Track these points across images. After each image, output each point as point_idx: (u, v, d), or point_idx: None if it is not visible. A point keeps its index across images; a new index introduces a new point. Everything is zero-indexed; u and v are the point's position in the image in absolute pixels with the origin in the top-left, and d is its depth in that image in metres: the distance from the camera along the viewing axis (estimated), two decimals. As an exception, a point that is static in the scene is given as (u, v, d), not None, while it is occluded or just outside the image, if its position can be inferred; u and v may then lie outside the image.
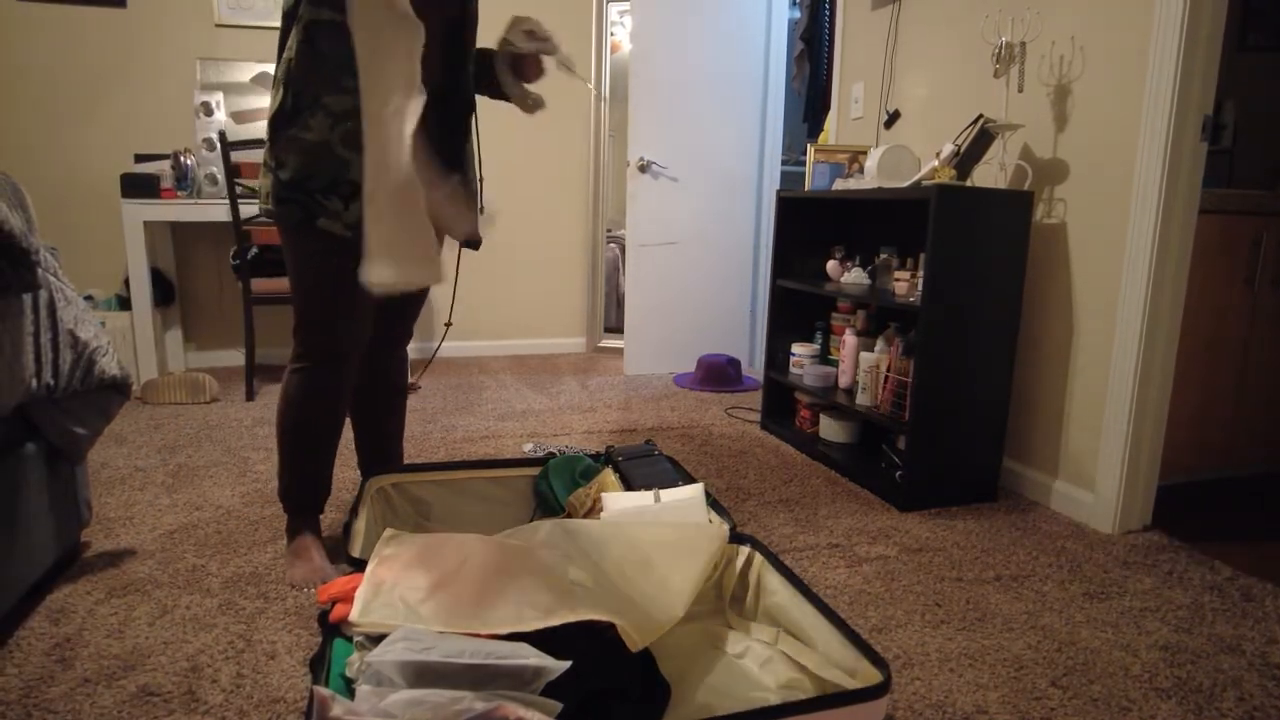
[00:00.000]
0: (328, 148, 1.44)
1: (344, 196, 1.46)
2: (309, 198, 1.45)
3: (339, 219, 1.47)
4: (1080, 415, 2.07)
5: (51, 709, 1.18)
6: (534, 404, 3.11)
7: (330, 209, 1.46)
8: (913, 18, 2.67)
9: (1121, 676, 1.35)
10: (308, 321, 1.55)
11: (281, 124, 1.46)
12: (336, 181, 1.45)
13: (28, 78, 3.29)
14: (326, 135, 1.44)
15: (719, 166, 3.79)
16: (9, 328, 1.31)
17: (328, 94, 1.43)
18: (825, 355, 2.77)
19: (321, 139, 1.44)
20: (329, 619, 1.19)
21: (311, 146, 1.44)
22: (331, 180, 1.45)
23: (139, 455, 2.37)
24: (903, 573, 1.72)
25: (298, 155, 1.45)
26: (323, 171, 1.45)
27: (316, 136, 1.44)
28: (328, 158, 1.44)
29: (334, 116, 1.44)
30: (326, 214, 1.46)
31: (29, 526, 1.43)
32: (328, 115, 1.44)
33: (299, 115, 1.45)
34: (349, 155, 1.45)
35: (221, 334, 3.71)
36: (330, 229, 1.47)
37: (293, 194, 1.46)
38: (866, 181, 2.39)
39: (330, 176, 1.45)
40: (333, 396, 1.60)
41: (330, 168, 1.45)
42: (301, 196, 1.45)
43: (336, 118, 1.44)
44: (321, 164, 1.44)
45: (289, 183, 1.46)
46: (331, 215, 1.46)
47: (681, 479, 1.68)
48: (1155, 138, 1.84)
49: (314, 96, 1.44)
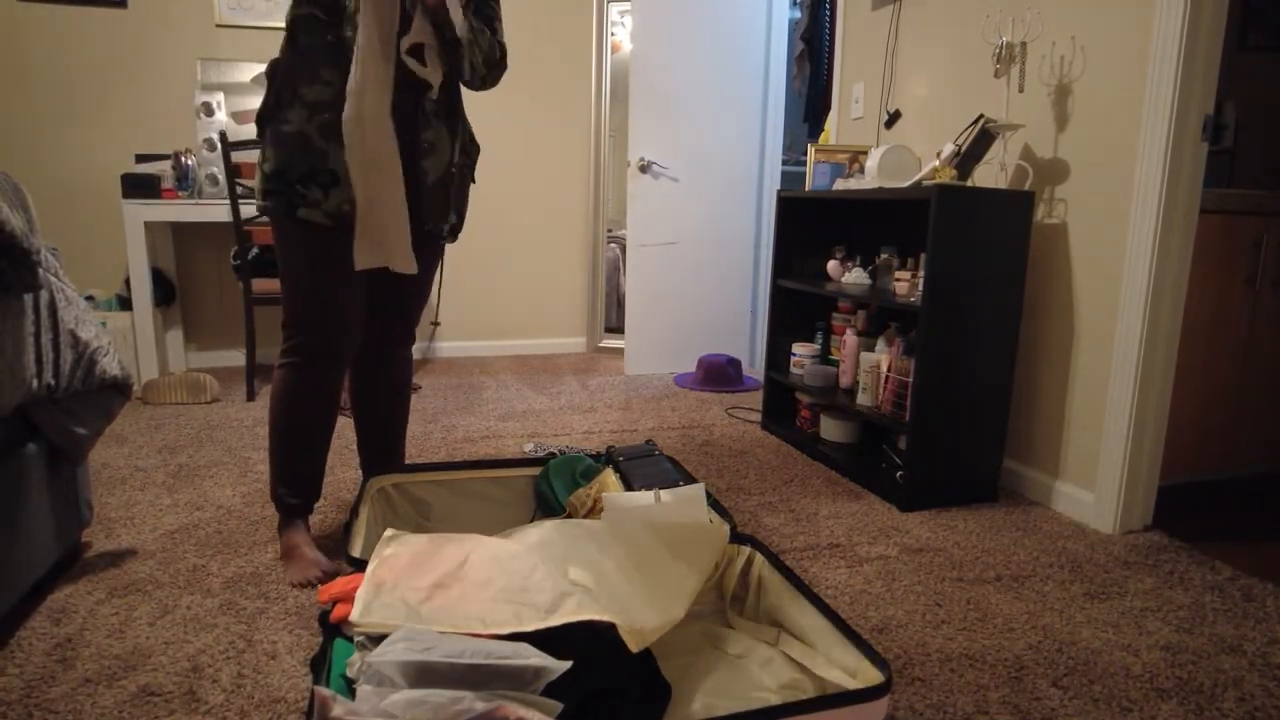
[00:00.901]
0: (305, 138, 1.47)
1: (323, 185, 1.48)
2: (289, 188, 1.48)
3: (318, 207, 1.49)
4: (1081, 415, 2.07)
5: (52, 709, 1.18)
6: (534, 404, 3.11)
7: (310, 198, 1.49)
8: (913, 18, 2.67)
9: (1122, 677, 1.35)
10: (293, 313, 1.57)
11: (266, 119, 1.50)
12: (315, 171, 1.48)
13: (29, 78, 3.29)
14: (304, 126, 1.47)
15: (719, 166, 3.79)
16: (10, 328, 1.31)
17: (305, 86, 1.47)
18: (826, 355, 2.77)
19: (299, 129, 1.47)
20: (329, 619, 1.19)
21: (290, 138, 1.47)
22: (310, 169, 1.48)
23: (140, 455, 2.37)
24: (903, 573, 1.72)
25: (277, 147, 1.48)
26: (301, 161, 1.47)
27: (294, 128, 1.47)
28: (305, 148, 1.47)
29: (310, 107, 1.47)
30: (306, 203, 1.49)
31: (30, 526, 1.43)
32: (304, 106, 1.47)
33: (280, 109, 1.48)
34: (326, 146, 1.47)
35: (222, 334, 3.71)
36: (310, 218, 1.49)
37: (276, 185, 1.49)
38: (867, 181, 2.39)
39: (309, 166, 1.48)
40: (319, 392, 1.60)
41: (308, 157, 1.47)
42: (283, 187, 1.48)
43: (312, 109, 1.47)
44: (299, 154, 1.47)
45: (271, 175, 1.49)
46: (311, 204, 1.49)
47: (682, 479, 1.68)
48: (1156, 138, 1.84)
49: (293, 90, 1.47)
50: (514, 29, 3.91)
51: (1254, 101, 2.84)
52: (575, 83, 4.07)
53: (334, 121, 1.46)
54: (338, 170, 1.48)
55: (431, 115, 1.60)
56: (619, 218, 4.93)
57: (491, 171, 4.01)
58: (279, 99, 1.48)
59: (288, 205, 1.49)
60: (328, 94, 1.46)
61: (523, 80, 3.97)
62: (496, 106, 3.95)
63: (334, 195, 1.49)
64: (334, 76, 1.47)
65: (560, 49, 4.01)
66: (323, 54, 1.46)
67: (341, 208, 1.49)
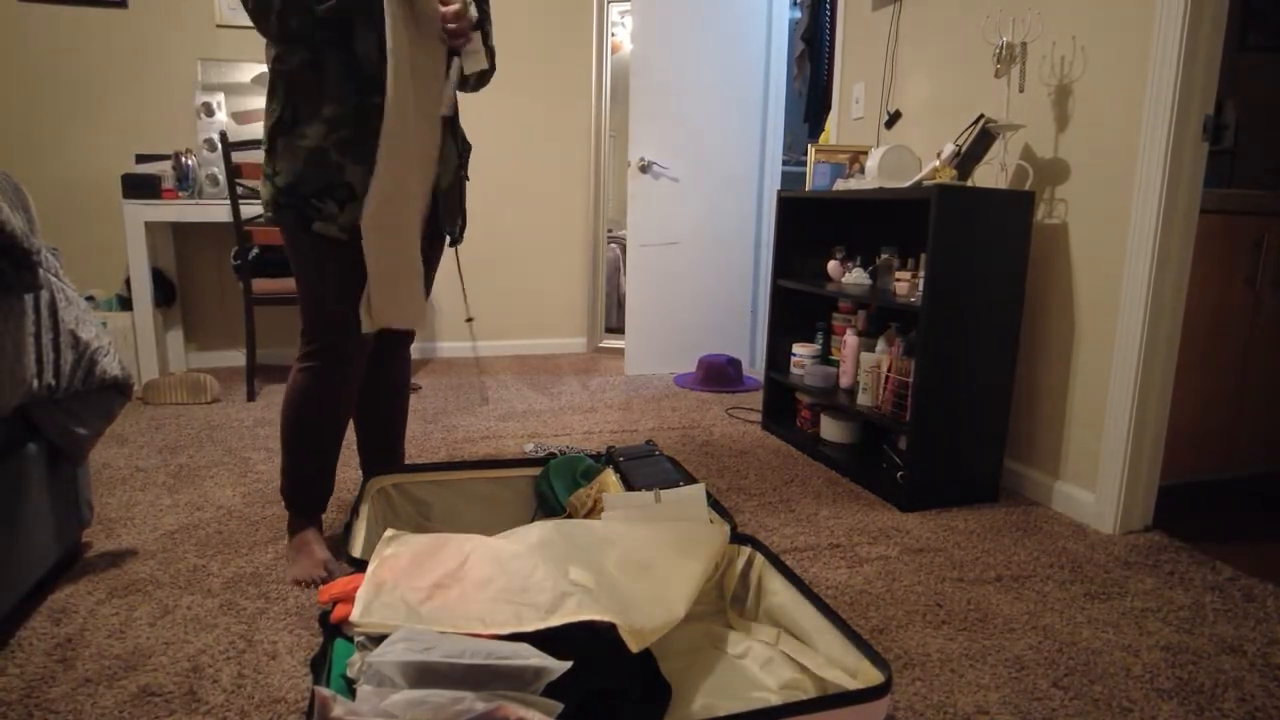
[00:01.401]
0: (323, 153, 1.48)
1: (339, 200, 1.50)
2: (304, 202, 1.49)
3: (334, 221, 1.50)
4: (1081, 415, 2.07)
5: (53, 709, 1.18)
6: (535, 404, 3.11)
7: (325, 212, 1.50)
8: (913, 18, 2.67)
9: (1123, 677, 1.35)
10: (311, 323, 1.59)
11: (280, 133, 1.51)
12: (331, 185, 1.49)
13: (29, 78, 3.29)
14: (321, 141, 1.48)
15: (720, 166, 3.79)
16: (10, 328, 1.31)
17: (328, 105, 1.48)
18: (826, 355, 2.77)
19: (317, 145, 1.48)
20: (330, 619, 1.19)
21: (307, 153, 1.48)
22: (326, 184, 1.49)
23: (140, 455, 2.37)
24: (904, 573, 1.72)
25: (293, 161, 1.49)
26: (317, 176, 1.48)
27: (312, 143, 1.48)
28: (322, 163, 1.48)
29: (328, 124, 1.48)
30: (321, 217, 1.50)
31: (30, 527, 1.43)
32: (322, 123, 1.48)
33: (297, 124, 1.49)
34: (343, 160, 1.49)
35: (222, 334, 3.71)
36: (326, 232, 1.51)
37: (289, 200, 1.50)
38: (867, 181, 2.39)
39: (325, 181, 1.49)
40: (337, 396, 1.62)
41: (325, 173, 1.48)
42: (297, 202, 1.49)
43: (331, 125, 1.48)
44: (316, 169, 1.48)
45: (285, 189, 1.50)
46: (327, 218, 1.50)
47: (682, 479, 1.68)
48: (1156, 138, 1.84)
49: (315, 108, 1.48)
50: (514, 29, 3.91)
51: (1254, 101, 2.84)
52: (576, 83, 4.07)
53: (350, 138, 1.48)
54: (354, 184, 1.49)
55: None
56: (619, 218, 4.93)
57: (492, 172, 4.01)
58: (296, 114, 1.49)
59: (302, 219, 1.50)
60: (346, 110, 1.48)
61: (523, 80, 3.97)
62: (497, 107, 3.95)
63: (349, 210, 1.50)
64: (351, 92, 1.48)
65: (561, 49, 4.01)
66: (342, 72, 1.48)
67: (356, 221, 1.51)
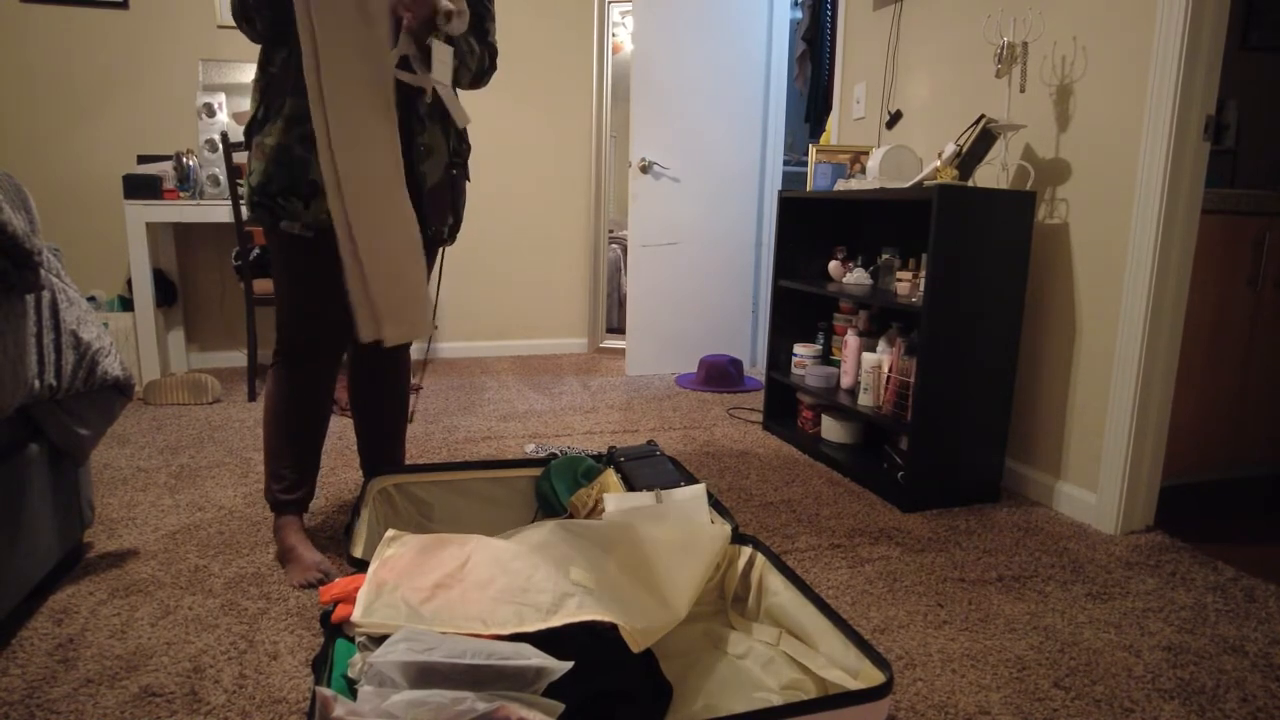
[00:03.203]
0: (286, 150, 1.48)
1: (303, 197, 1.50)
2: (272, 201, 1.50)
3: (299, 219, 1.51)
4: (1083, 416, 2.07)
5: (54, 709, 1.18)
6: (536, 404, 3.11)
7: (290, 210, 1.50)
8: (914, 18, 2.67)
9: (1124, 677, 1.34)
10: (283, 320, 1.61)
11: (254, 132, 1.52)
12: (296, 182, 1.49)
13: (30, 78, 3.29)
14: (283, 138, 1.48)
15: (720, 167, 3.79)
16: (12, 328, 1.31)
17: (289, 102, 1.48)
18: (827, 356, 2.77)
19: (279, 142, 1.48)
20: (331, 620, 1.19)
21: (271, 150, 1.49)
22: (291, 181, 1.49)
23: (141, 456, 2.37)
24: (905, 573, 1.72)
25: (260, 160, 1.50)
26: (282, 174, 1.49)
27: (275, 140, 1.49)
28: (287, 160, 1.48)
29: (288, 120, 1.48)
30: (287, 215, 1.51)
31: (32, 527, 1.43)
32: (284, 120, 1.48)
33: (265, 123, 1.51)
34: (307, 156, 1.49)
35: (224, 335, 3.72)
36: (291, 229, 1.52)
37: (261, 198, 1.51)
38: (868, 182, 2.39)
39: (290, 178, 1.49)
40: (307, 394, 1.64)
41: (289, 170, 1.49)
42: (266, 200, 1.51)
43: (290, 121, 1.48)
44: (281, 167, 1.49)
45: (257, 188, 1.51)
46: (292, 216, 1.51)
47: (683, 479, 1.68)
48: (1158, 138, 1.83)
49: (280, 104, 1.49)
50: (515, 29, 3.92)
51: (1256, 101, 2.84)
52: (576, 83, 4.07)
53: (310, 134, 1.47)
54: (318, 181, 1.49)
55: (425, 117, 1.60)
56: (620, 218, 4.92)
57: (493, 172, 4.01)
58: (266, 114, 1.51)
59: (271, 217, 1.52)
60: (304, 106, 1.46)
61: (524, 81, 3.97)
62: (498, 107, 3.95)
63: (314, 206, 1.50)
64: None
65: (561, 49, 4.01)
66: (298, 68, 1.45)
67: (320, 218, 1.51)
